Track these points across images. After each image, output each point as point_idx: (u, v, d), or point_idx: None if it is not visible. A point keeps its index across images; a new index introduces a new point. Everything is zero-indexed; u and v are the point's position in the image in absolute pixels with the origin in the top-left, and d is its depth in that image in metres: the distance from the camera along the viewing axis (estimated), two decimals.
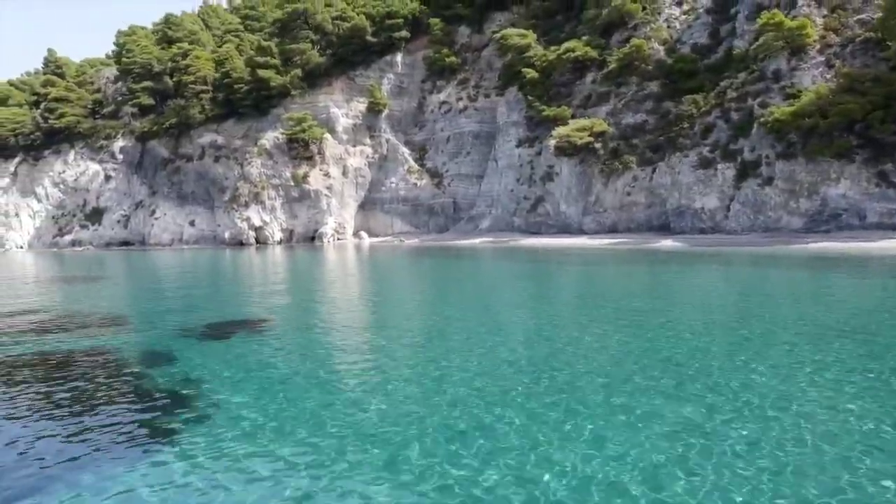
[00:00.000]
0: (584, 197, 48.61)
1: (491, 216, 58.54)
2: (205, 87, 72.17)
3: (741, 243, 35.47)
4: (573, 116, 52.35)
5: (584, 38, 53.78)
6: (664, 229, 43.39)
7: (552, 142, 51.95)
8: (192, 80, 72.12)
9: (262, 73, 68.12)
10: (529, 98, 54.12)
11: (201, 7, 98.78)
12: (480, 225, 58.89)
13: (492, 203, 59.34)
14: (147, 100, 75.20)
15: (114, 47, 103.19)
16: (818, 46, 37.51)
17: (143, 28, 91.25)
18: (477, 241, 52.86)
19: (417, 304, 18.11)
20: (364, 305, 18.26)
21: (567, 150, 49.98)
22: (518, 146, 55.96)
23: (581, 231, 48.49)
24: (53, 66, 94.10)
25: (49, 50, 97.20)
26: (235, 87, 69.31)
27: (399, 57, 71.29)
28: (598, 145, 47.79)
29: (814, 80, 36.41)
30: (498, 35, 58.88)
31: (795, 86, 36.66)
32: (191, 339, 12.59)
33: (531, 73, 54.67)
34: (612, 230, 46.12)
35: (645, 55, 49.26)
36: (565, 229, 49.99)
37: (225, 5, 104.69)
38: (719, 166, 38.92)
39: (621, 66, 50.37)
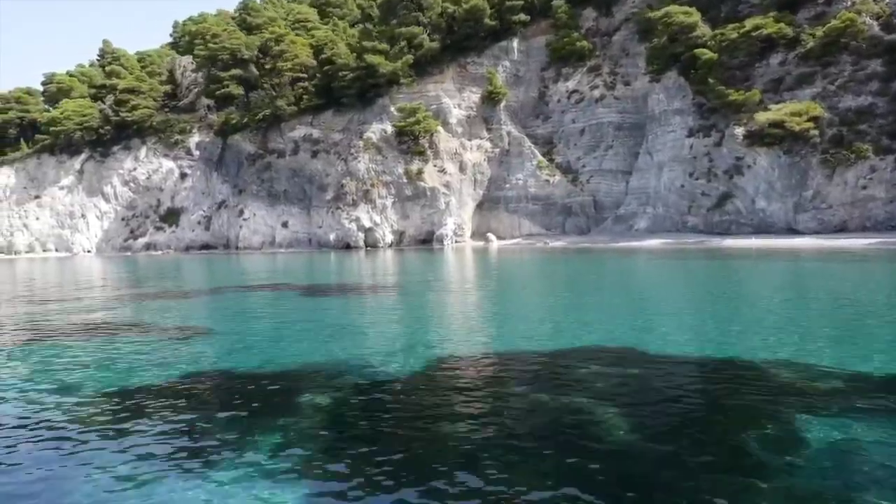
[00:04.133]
0: (795, 192, 42.34)
1: (648, 215, 52.20)
2: (302, 75, 65.68)
3: None
4: (760, 102, 46.26)
5: (772, 14, 47.65)
6: None
7: (739, 130, 45.82)
8: (288, 68, 65.64)
9: (369, 58, 61.70)
10: (711, 81, 47.81)
11: None
12: (636, 225, 52.53)
13: (647, 201, 53.02)
14: (236, 89, 68.62)
15: (170, 38, 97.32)
16: None
17: (213, 15, 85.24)
18: (646, 243, 46.36)
19: None
20: None
21: (765, 138, 43.81)
22: (689, 136, 49.70)
23: (791, 230, 42.19)
24: (110, 58, 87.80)
25: (104, 41, 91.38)
26: (340, 74, 62.85)
27: (515, 43, 65.08)
28: (814, 132, 41.56)
29: None
30: (658, 14, 52.58)
31: None
32: None
33: (707, 55, 48.49)
34: (841, 229, 39.85)
35: (858, 31, 43.17)
36: (765, 228, 43.68)
37: None
38: None
39: (824, 44, 44.29)
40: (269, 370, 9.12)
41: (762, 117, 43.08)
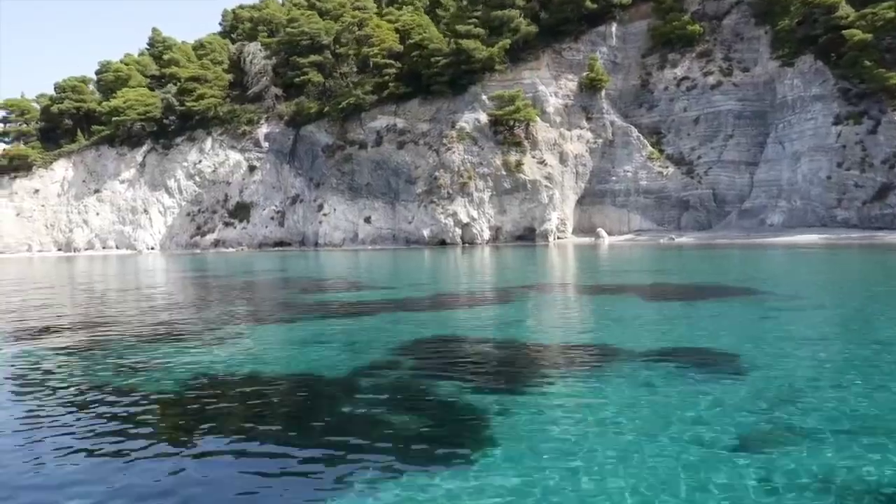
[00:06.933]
0: None
1: (782, 209, 48.73)
2: (390, 62, 61.86)
3: None
4: None
5: None
6: None
7: None
8: (374, 53, 61.86)
9: (464, 43, 58.00)
10: (868, 64, 44.32)
11: None
12: (769, 220, 49.04)
13: (779, 193, 49.58)
14: (316, 76, 64.79)
15: (219, 27, 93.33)
16: None
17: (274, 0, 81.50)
18: (795, 238, 42.79)
19: None
20: None
21: None
22: (835, 124, 46.22)
23: None
24: (161, 47, 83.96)
25: (153, 29, 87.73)
26: (432, 60, 59.13)
27: (613, 28, 61.51)
28: None
29: None
30: None
31: None
32: None
33: (859, 36, 44.99)
34: None
35: None
36: None
37: None
38: None
39: None
40: None
41: None
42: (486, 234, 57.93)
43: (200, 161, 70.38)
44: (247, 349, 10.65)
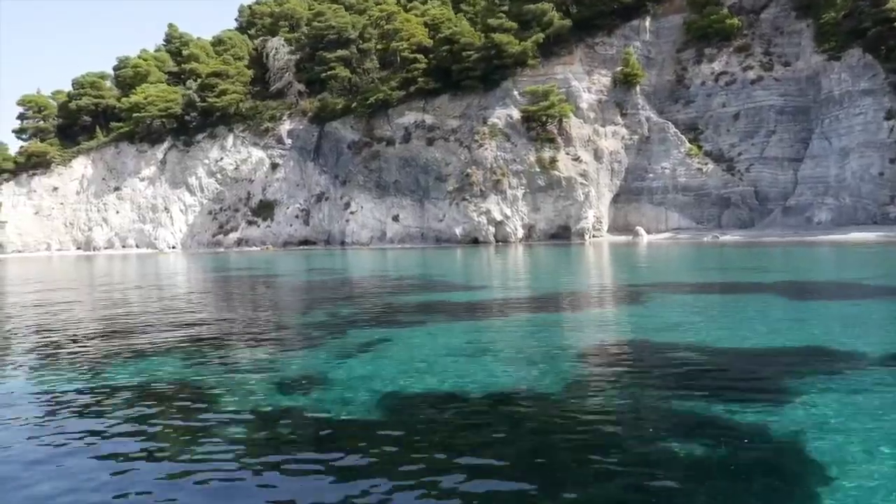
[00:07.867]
0: None
1: (829, 206, 47.47)
2: (417, 56, 60.52)
3: None
4: None
5: None
6: None
7: None
8: (403, 48, 60.55)
9: (497, 37, 56.73)
10: None
11: None
12: (816, 218, 47.76)
13: (825, 191, 48.29)
14: (343, 71, 63.49)
15: (235, 22, 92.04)
16: None
17: None
18: (851, 236, 41.40)
19: None
20: None
21: None
22: (887, 119, 44.96)
23: None
24: (178, 42, 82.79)
25: (170, 25, 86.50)
26: (464, 54, 57.83)
27: (647, 22, 60.28)
28: None
29: None
30: None
31: None
32: None
33: None
34: None
35: None
36: None
37: None
38: None
39: None
40: None
41: None
42: (520, 233, 56.64)
43: (222, 158, 69.12)
44: (404, 360, 9.25)
